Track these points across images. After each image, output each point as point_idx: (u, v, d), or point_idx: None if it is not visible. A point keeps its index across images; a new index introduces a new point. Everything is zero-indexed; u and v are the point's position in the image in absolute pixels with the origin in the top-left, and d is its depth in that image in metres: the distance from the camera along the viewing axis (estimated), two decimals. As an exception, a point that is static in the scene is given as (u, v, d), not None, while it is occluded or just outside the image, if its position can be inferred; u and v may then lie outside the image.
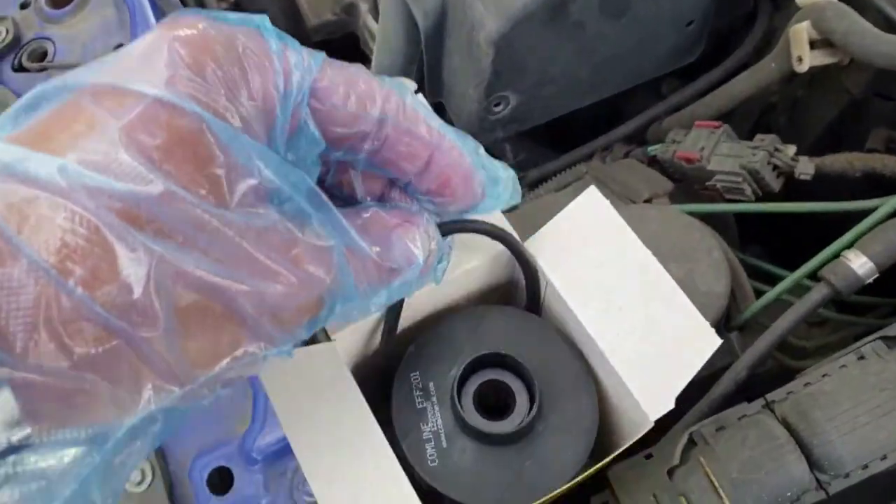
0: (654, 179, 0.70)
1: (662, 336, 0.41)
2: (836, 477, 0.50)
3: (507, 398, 0.44)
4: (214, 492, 0.57)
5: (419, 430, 0.43)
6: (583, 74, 0.75)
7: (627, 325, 0.41)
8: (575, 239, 0.44)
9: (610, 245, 0.43)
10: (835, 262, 0.56)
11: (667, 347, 0.40)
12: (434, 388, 0.44)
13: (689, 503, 0.50)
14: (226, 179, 0.26)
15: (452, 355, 0.44)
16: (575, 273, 0.43)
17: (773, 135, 0.64)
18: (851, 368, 0.51)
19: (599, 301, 0.42)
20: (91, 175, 0.23)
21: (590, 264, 0.43)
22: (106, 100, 0.25)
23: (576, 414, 0.43)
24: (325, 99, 0.30)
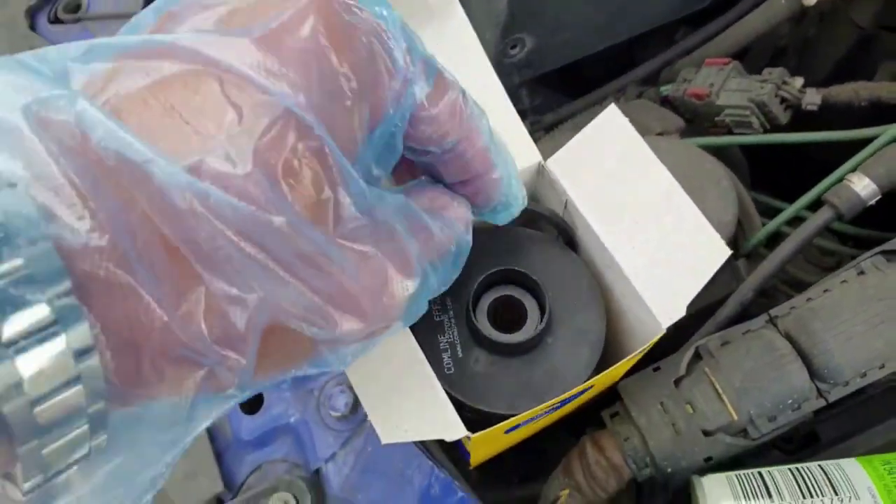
0: (665, 117, 0.72)
1: (675, 248, 0.42)
2: (835, 385, 0.52)
3: (519, 312, 0.47)
4: (246, 411, 0.61)
5: (436, 341, 0.46)
6: (596, 20, 0.77)
7: (642, 237, 0.43)
8: (594, 156, 0.46)
9: (627, 161, 0.45)
10: (838, 186, 0.58)
11: (679, 258, 0.42)
12: (451, 302, 0.47)
13: (695, 410, 0.52)
14: (335, 209, 0.25)
15: (468, 271, 0.47)
16: (593, 189, 0.45)
17: (781, 68, 0.66)
18: (851, 282, 0.53)
19: (616, 215, 0.44)
20: (217, 193, 0.22)
21: (608, 180, 0.45)
22: (234, 91, 0.23)
23: (584, 327, 0.45)
24: (422, 127, 0.31)
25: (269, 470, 0.58)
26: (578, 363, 0.44)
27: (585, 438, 0.55)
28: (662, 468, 0.52)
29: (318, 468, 0.56)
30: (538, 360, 0.45)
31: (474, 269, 0.47)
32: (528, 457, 0.64)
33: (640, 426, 0.52)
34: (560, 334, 0.45)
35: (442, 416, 0.39)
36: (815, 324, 0.52)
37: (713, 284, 0.65)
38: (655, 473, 0.53)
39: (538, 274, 0.45)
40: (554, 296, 0.45)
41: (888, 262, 0.53)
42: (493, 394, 0.44)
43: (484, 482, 0.63)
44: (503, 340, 0.44)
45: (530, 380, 0.44)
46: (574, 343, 0.45)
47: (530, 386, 0.44)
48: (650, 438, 0.52)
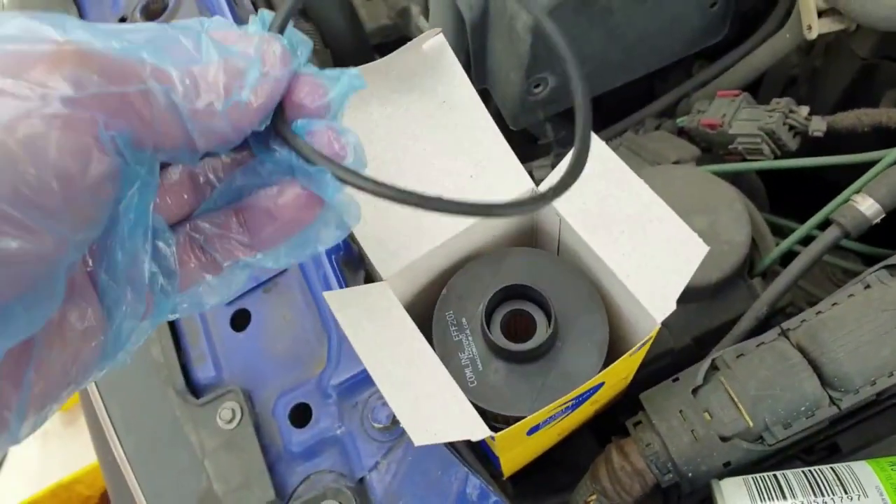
0: (681, 146, 0.77)
1: (659, 251, 0.47)
2: (846, 393, 0.55)
3: (529, 323, 0.51)
4: (296, 425, 0.65)
5: (458, 358, 0.51)
6: (614, 56, 0.82)
7: (630, 245, 0.48)
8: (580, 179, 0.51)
9: (609, 179, 0.49)
10: (844, 206, 0.62)
11: (664, 260, 0.46)
12: (466, 321, 0.52)
13: (712, 417, 0.56)
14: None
15: (480, 292, 0.52)
16: (583, 206, 0.50)
17: (788, 98, 0.70)
18: (858, 295, 0.57)
19: (605, 228, 0.49)
20: None
21: (594, 198, 0.49)
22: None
23: (589, 329, 0.50)
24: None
25: (317, 480, 0.62)
26: (587, 362, 0.49)
27: (611, 446, 0.59)
28: (683, 473, 0.56)
29: (362, 477, 0.60)
30: (551, 364, 0.49)
31: (482, 288, 0.52)
32: (562, 471, 0.68)
33: (662, 433, 0.56)
34: (568, 338, 0.50)
35: (466, 419, 0.43)
36: (824, 335, 0.56)
37: (731, 302, 0.69)
38: (678, 478, 0.56)
39: (542, 286, 0.50)
40: (558, 304, 0.50)
41: (891, 276, 0.56)
42: (513, 399, 0.49)
43: (520, 495, 0.67)
44: (517, 349, 0.48)
45: (546, 382, 0.48)
46: (581, 345, 0.50)
47: (546, 388, 0.48)
48: (671, 444, 0.56)
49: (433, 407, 0.44)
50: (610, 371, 0.47)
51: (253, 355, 0.69)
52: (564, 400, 0.46)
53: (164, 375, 0.69)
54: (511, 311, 0.52)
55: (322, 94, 0.32)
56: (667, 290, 0.46)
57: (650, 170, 0.71)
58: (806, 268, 0.63)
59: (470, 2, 0.80)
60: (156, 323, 0.34)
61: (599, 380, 0.47)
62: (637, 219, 0.48)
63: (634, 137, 0.82)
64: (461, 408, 0.44)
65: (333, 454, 0.63)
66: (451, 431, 0.43)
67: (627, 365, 0.50)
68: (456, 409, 0.44)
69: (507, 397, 0.49)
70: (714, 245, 0.67)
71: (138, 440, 0.70)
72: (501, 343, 0.49)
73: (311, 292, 0.70)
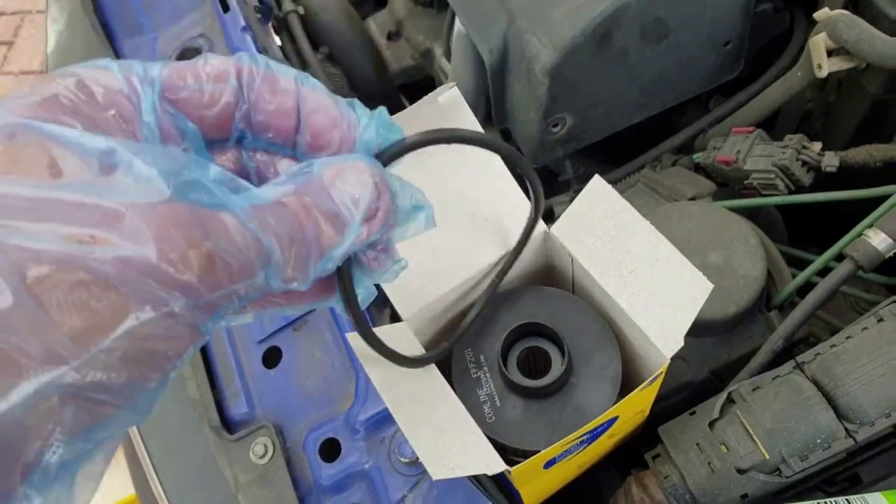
0: (697, 182, 0.79)
1: (667, 289, 0.49)
2: (862, 425, 0.56)
3: (545, 360, 0.54)
4: (325, 460, 0.68)
5: (476, 395, 0.53)
6: (631, 95, 0.84)
7: (638, 284, 0.50)
8: (589, 219, 0.53)
9: (617, 221, 0.51)
10: (857, 241, 0.63)
11: (671, 298, 0.48)
12: (484, 359, 0.54)
13: (728, 449, 0.57)
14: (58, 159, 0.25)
15: (497, 330, 0.54)
16: (593, 248, 0.52)
17: (801, 134, 0.72)
18: (871, 329, 0.58)
19: (614, 268, 0.51)
20: None
21: (604, 239, 0.51)
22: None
23: (602, 365, 0.52)
24: (177, 87, 0.32)
25: (346, 513, 0.64)
26: (601, 396, 0.51)
27: (630, 479, 0.60)
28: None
29: (389, 510, 0.62)
30: (566, 399, 0.51)
31: (499, 326, 0.54)
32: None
33: (679, 465, 0.58)
34: (582, 374, 0.52)
35: (483, 453, 0.45)
36: (838, 368, 0.57)
37: (748, 335, 0.71)
38: (697, 511, 0.58)
39: (556, 323, 0.52)
40: (572, 341, 0.52)
41: (903, 310, 0.58)
42: (529, 434, 0.50)
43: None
44: (533, 385, 0.50)
45: (561, 417, 0.50)
46: (595, 380, 0.52)
47: (562, 422, 0.50)
48: (688, 476, 0.57)
49: (450, 442, 0.46)
50: (623, 405, 0.49)
51: (284, 392, 0.72)
52: (579, 434, 0.47)
53: (199, 412, 0.72)
54: (527, 348, 0.54)
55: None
56: (675, 327, 0.47)
57: (667, 206, 0.73)
58: (821, 301, 0.64)
59: (490, 46, 0.83)
60: None
61: (613, 414, 0.49)
62: (645, 259, 0.50)
63: (651, 174, 0.83)
64: (478, 442, 0.46)
65: (362, 488, 0.65)
66: (468, 466, 0.45)
67: (640, 399, 0.52)
68: (473, 443, 0.46)
69: (523, 432, 0.51)
70: (730, 279, 0.68)
71: (175, 475, 0.72)
72: (517, 379, 0.51)
73: (340, 331, 0.72)
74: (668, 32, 0.80)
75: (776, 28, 0.89)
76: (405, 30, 1.16)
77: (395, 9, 1.17)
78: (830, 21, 0.69)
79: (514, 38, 0.80)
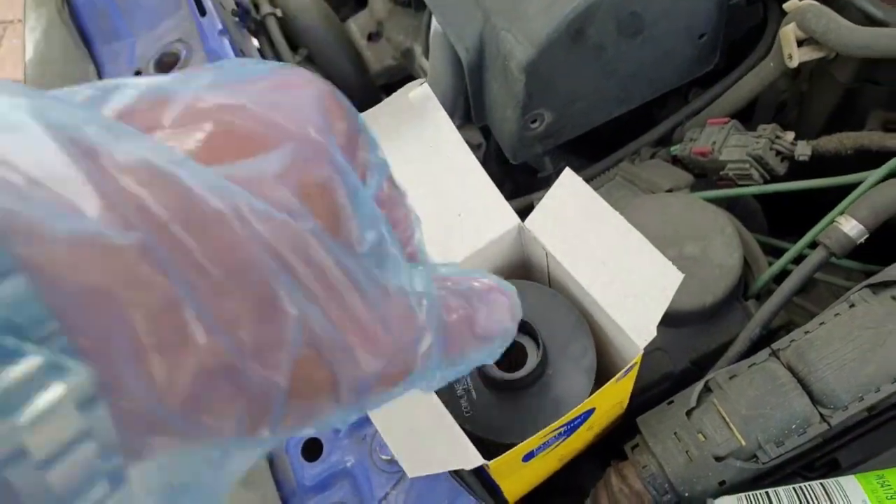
0: (675, 174, 0.79)
1: (638, 280, 0.49)
2: (836, 410, 0.57)
3: (521, 353, 0.54)
4: (308, 459, 0.68)
5: (453, 389, 0.53)
6: (609, 90, 0.85)
7: (610, 276, 0.50)
8: (561, 213, 0.53)
9: (588, 213, 0.52)
10: (829, 228, 0.64)
11: (643, 288, 0.49)
12: None
13: (706, 437, 0.58)
14: (355, 230, 0.23)
15: None
16: (566, 239, 0.52)
17: (774, 124, 0.73)
18: (843, 314, 0.59)
19: (586, 260, 0.51)
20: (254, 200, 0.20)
21: (576, 232, 0.52)
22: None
23: (577, 356, 0.52)
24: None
25: (329, 511, 0.65)
26: (577, 387, 0.51)
27: (610, 469, 0.61)
28: (680, 493, 0.57)
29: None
30: (542, 391, 0.52)
31: None
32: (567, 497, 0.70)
33: (657, 454, 0.58)
34: (558, 365, 0.52)
35: (459, 448, 0.45)
36: (811, 354, 0.57)
37: (727, 325, 0.71)
38: (675, 499, 0.58)
39: (531, 316, 0.52)
40: (547, 333, 0.52)
41: (874, 294, 0.58)
42: (506, 427, 0.51)
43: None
44: (509, 378, 0.51)
45: (538, 409, 0.51)
46: (571, 370, 0.52)
47: (539, 414, 0.50)
48: (666, 465, 0.58)
49: (427, 438, 0.47)
50: (598, 396, 0.49)
51: (267, 392, 0.72)
52: (555, 426, 0.48)
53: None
54: None
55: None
56: (647, 318, 0.48)
57: (644, 198, 0.74)
58: (796, 288, 0.64)
59: (466, 44, 0.83)
60: None
61: (589, 405, 0.50)
62: (616, 250, 0.50)
63: (630, 167, 0.84)
64: (454, 438, 0.46)
65: (344, 487, 0.66)
66: (444, 461, 0.45)
67: (616, 390, 0.52)
68: (449, 438, 0.46)
69: (501, 425, 0.51)
70: (707, 270, 0.69)
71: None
72: (493, 373, 0.51)
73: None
74: (643, 26, 0.80)
75: (751, 20, 0.90)
76: (385, 30, 1.16)
77: (375, 9, 1.18)
78: (799, 11, 0.69)
79: (489, 35, 0.81)
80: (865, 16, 0.69)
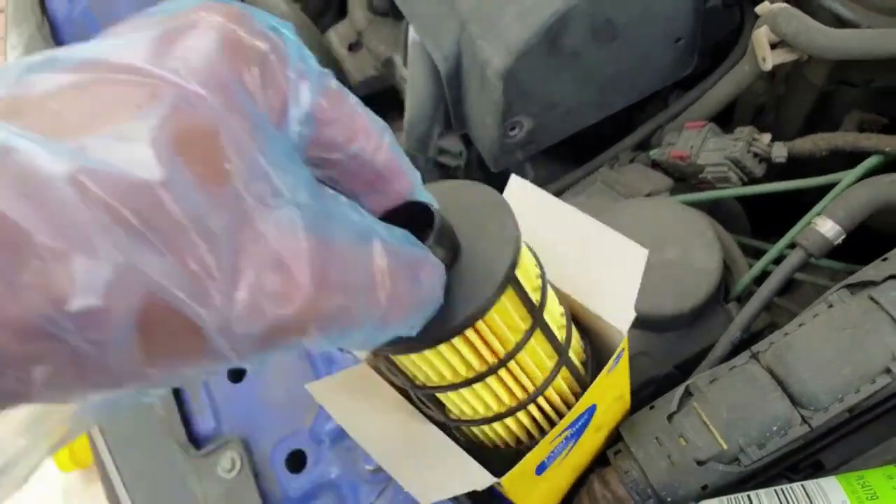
0: (654, 178, 0.79)
1: (606, 265, 0.49)
2: (816, 411, 0.57)
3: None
4: (292, 471, 0.68)
5: None
6: (587, 96, 0.85)
7: (576, 268, 0.50)
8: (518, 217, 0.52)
9: (543, 213, 0.51)
10: (806, 229, 0.64)
11: (611, 272, 0.49)
12: None
13: (687, 442, 0.58)
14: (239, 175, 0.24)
15: None
16: (529, 241, 0.49)
17: (751, 126, 0.73)
18: (822, 315, 0.59)
19: (553, 259, 0.49)
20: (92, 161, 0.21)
21: (536, 233, 0.50)
22: (130, 88, 0.23)
23: (496, 233, 0.42)
24: (320, 127, 0.30)
25: (315, 523, 0.65)
26: (501, 260, 0.40)
27: (593, 476, 0.61)
28: (663, 498, 0.57)
29: (357, 518, 0.63)
30: (463, 273, 0.40)
31: None
32: None
33: (639, 459, 0.58)
34: (478, 246, 0.41)
35: (469, 470, 0.44)
36: (790, 356, 0.58)
37: (708, 328, 0.71)
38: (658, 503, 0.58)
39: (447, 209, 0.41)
40: (462, 220, 0.42)
41: (851, 295, 0.58)
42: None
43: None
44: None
45: (462, 288, 0.40)
46: (491, 246, 0.41)
47: (466, 291, 0.40)
48: (648, 471, 0.58)
49: (435, 467, 0.46)
50: (594, 390, 0.49)
51: (250, 405, 0.72)
52: (560, 429, 0.47)
53: (166, 428, 0.72)
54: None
55: None
56: (623, 301, 0.48)
57: (623, 203, 0.74)
58: (776, 290, 0.65)
59: (443, 53, 0.83)
60: None
61: (589, 402, 0.49)
62: (577, 241, 0.50)
63: (609, 172, 0.84)
64: (462, 461, 0.45)
65: (330, 497, 0.66)
66: (457, 485, 0.44)
67: (612, 382, 0.52)
68: (456, 462, 0.45)
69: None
70: (687, 274, 0.69)
71: (146, 493, 0.72)
72: None
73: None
74: (618, 32, 0.80)
75: (728, 23, 0.90)
76: (366, 40, 1.16)
77: (355, 19, 1.18)
78: (771, 14, 0.70)
79: (466, 43, 0.81)
80: (836, 18, 0.69)
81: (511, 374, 0.44)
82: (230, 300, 0.23)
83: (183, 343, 0.23)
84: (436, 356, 0.40)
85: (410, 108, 0.93)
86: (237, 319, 0.23)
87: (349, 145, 0.32)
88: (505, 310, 0.40)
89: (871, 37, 0.64)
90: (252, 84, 0.26)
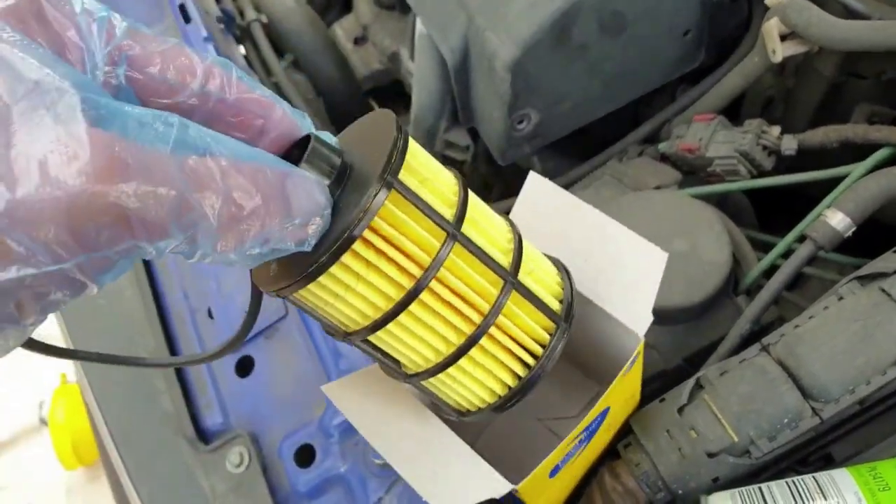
0: (662, 172, 0.79)
1: (624, 268, 0.49)
2: (827, 403, 0.57)
3: None
4: (301, 466, 0.68)
5: None
6: (594, 89, 0.85)
7: (595, 270, 0.50)
8: (535, 217, 0.52)
9: (561, 212, 0.51)
10: (816, 222, 0.64)
11: (630, 275, 0.48)
12: None
13: (698, 434, 0.58)
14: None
15: None
16: (547, 239, 0.51)
17: (760, 119, 0.73)
18: (832, 307, 0.59)
19: (570, 259, 0.50)
20: None
21: (553, 232, 0.51)
22: None
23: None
24: (141, 68, 0.31)
25: (324, 517, 0.65)
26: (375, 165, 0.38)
27: (603, 469, 0.61)
28: (674, 490, 0.57)
29: (367, 512, 0.63)
30: (351, 184, 0.39)
31: None
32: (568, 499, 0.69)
33: (650, 452, 0.58)
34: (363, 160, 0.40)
35: (488, 478, 0.44)
36: (801, 348, 0.57)
37: (717, 321, 0.71)
38: (669, 496, 0.58)
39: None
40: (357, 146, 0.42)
41: (862, 286, 0.58)
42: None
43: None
44: None
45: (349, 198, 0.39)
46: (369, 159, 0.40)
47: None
48: (659, 463, 0.57)
49: (450, 472, 0.46)
50: (610, 395, 0.48)
51: (258, 400, 0.72)
52: (575, 434, 0.47)
53: (174, 425, 0.72)
54: None
55: None
56: (641, 304, 0.48)
57: (631, 196, 0.74)
58: (785, 283, 0.64)
59: (451, 46, 0.83)
60: None
61: (603, 406, 0.49)
62: (596, 242, 0.50)
63: (617, 165, 0.84)
64: (481, 470, 0.45)
65: (339, 492, 0.65)
66: (475, 493, 0.44)
67: (626, 385, 0.52)
68: (472, 469, 0.45)
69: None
70: (696, 266, 0.69)
71: (153, 489, 0.72)
72: None
73: (311, 336, 0.73)
74: (626, 25, 0.80)
75: (735, 16, 0.90)
76: (371, 34, 1.16)
77: (361, 13, 1.18)
78: (781, 6, 0.69)
79: (473, 36, 0.81)
80: (847, 9, 0.69)
81: (442, 300, 0.39)
82: (12, 186, 0.24)
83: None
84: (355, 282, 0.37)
85: (417, 102, 0.93)
86: (24, 203, 0.24)
87: (187, 83, 0.32)
88: (402, 221, 0.37)
89: (882, 28, 0.64)
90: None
